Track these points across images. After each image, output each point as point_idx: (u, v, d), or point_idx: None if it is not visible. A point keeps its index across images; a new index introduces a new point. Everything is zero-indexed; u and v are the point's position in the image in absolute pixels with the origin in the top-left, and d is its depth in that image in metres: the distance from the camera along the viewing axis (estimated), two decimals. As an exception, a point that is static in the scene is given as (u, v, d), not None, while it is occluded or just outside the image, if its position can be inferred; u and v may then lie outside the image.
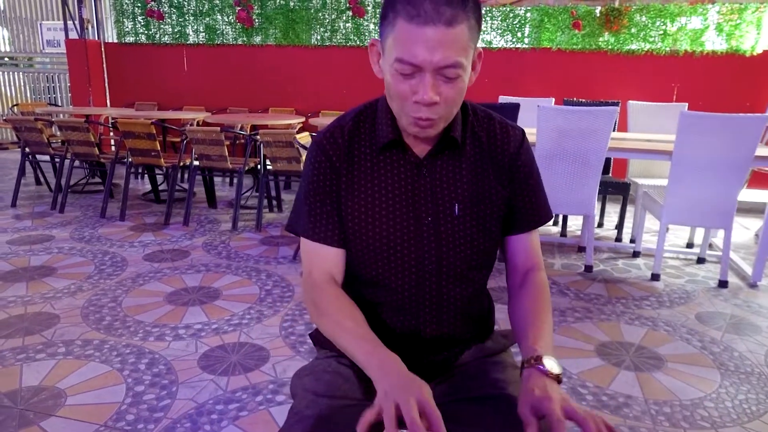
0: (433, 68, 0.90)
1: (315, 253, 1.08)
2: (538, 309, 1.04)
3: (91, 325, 2.57)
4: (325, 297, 1.06)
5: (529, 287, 1.07)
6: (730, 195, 3.20)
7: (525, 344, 0.98)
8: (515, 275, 1.12)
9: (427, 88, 0.91)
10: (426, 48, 0.88)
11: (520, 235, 1.11)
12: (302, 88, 6.29)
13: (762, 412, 2.06)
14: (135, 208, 4.77)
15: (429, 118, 0.95)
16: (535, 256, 1.12)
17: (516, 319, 1.06)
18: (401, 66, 0.91)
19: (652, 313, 2.91)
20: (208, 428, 1.85)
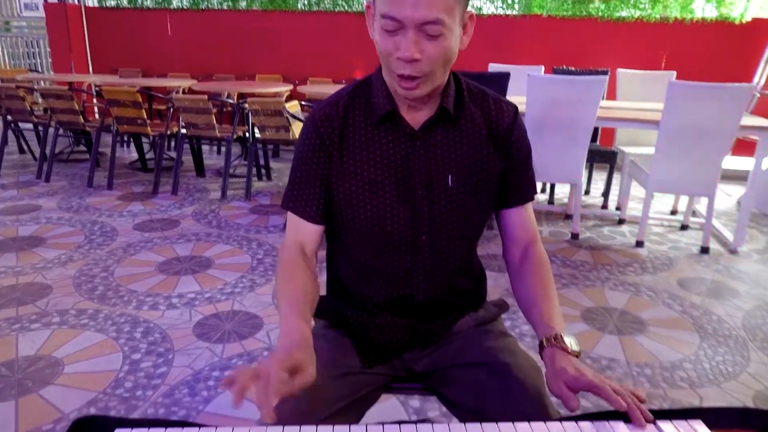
0: (415, 24, 0.91)
1: (291, 224, 1.12)
2: (545, 285, 1.06)
3: (84, 294, 2.59)
4: (283, 261, 1.08)
5: (533, 262, 1.10)
6: (715, 164, 3.25)
7: (540, 322, 0.99)
8: (514, 249, 1.14)
9: (409, 44, 0.91)
10: (408, 3, 0.89)
11: (516, 209, 1.13)
12: (289, 54, 6.19)
13: (738, 373, 2.15)
14: (122, 177, 4.73)
15: (412, 76, 0.96)
16: (532, 229, 1.14)
17: (523, 296, 1.08)
18: (385, 21, 0.92)
19: (635, 279, 2.99)
20: (205, 394, 1.89)
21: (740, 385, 2.08)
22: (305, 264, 1.07)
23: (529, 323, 1.06)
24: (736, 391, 2.03)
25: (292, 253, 1.08)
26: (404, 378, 1.20)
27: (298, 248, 1.09)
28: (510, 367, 1.06)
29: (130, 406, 1.82)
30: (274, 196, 4.30)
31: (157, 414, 1.78)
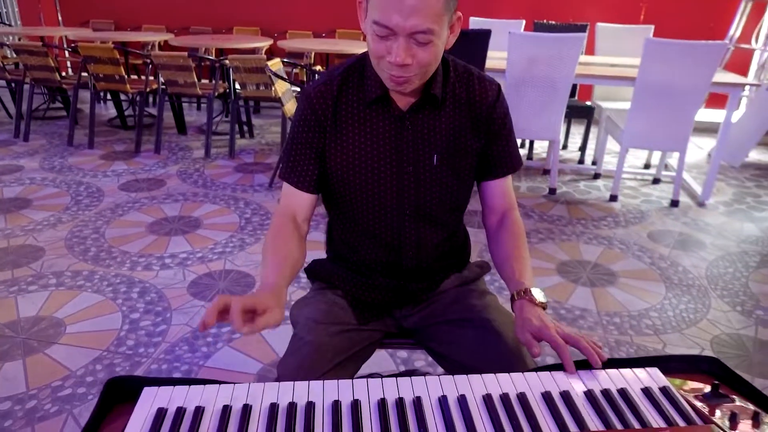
0: (406, 33, 0.97)
1: (286, 193, 1.20)
2: (518, 246, 1.17)
3: (77, 256, 2.65)
4: (273, 226, 1.18)
5: (508, 227, 1.20)
6: (687, 120, 3.37)
7: (512, 278, 1.12)
8: (492, 216, 1.25)
9: (400, 50, 0.98)
10: (400, 14, 0.94)
11: (496, 180, 1.23)
12: (267, 5, 6.06)
13: (699, 319, 2.34)
14: (102, 135, 4.69)
15: (402, 76, 1.03)
16: (510, 198, 1.24)
17: (500, 258, 1.19)
18: (377, 28, 0.98)
19: (608, 232, 3.15)
20: (205, 350, 2.01)
21: (700, 330, 2.26)
22: (293, 230, 1.16)
23: (502, 280, 1.17)
24: (696, 337, 2.22)
25: (284, 219, 1.17)
26: (395, 334, 1.31)
27: (290, 215, 1.18)
28: (491, 323, 1.18)
29: (134, 363, 1.93)
30: (257, 154, 4.33)
31: (160, 369, 1.89)
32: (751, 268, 2.80)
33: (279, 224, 1.16)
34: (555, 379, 0.93)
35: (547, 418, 0.83)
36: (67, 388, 1.79)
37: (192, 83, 4.10)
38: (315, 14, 5.99)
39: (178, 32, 5.94)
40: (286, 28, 6.00)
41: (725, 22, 5.35)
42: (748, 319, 2.35)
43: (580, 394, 0.89)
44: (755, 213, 3.53)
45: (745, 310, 2.42)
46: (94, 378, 1.85)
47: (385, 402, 0.86)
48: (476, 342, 1.17)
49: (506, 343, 1.14)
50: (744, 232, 3.23)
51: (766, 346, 2.18)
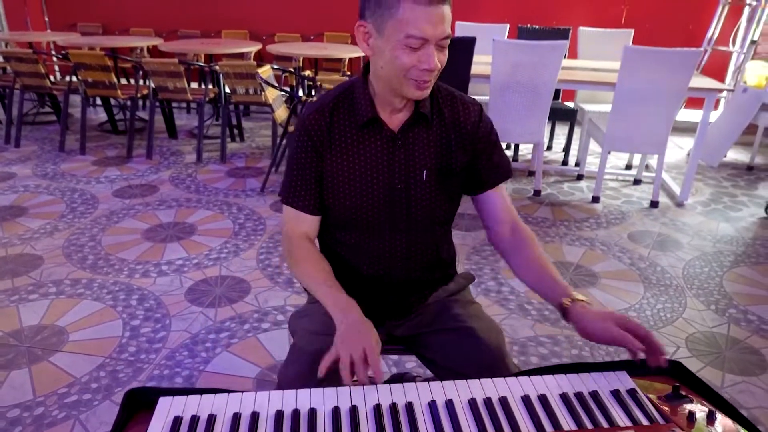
0: (436, 40, 1.08)
1: (292, 217, 1.29)
2: (541, 257, 1.24)
3: (75, 264, 2.71)
4: (299, 250, 1.26)
5: (524, 239, 1.28)
6: (665, 124, 3.50)
7: (553, 286, 1.17)
8: (500, 230, 1.31)
9: (433, 57, 1.09)
10: (431, 24, 1.06)
11: (491, 192, 1.30)
12: (255, 9, 6.11)
13: (675, 318, 2.46)
14: (93, 140, 4.73)
15: (428, 81, 1.14)
16: (512, 209, 1.32)
17: (526, 271, 1.25)
18: (411, 41, 1.08)
19: (590, 234, 3.26)
20: (204, 355, 2.09)
21: (676, 329, 2.38)
22: (315, 248, 1.27)
23: (536, 291, 1.23)
24: (672, 335, 2.34)
25: (303, 241, 1.26)
26: (387, 341, 1.41)
27: (305, 236, 1.27)
28: (476, 331, 1.28)
29: (137, 369, 2.00)
30: (248, 158, 4.40)
31: (162, 375, 1.97)
32: (725, 267, 2.93)
33: (303, 247, 1.25)
34: (533, 383, 1.02)
35: (526, 420, 0.93)
36: (73, 395, 1.87)
37: (183, 89, 4.16)
38: (303, 17, 6.05)
39: (167, 36, 5.98)
40: (274, 31, 6.05)
41: (703, 24, 5.49)
42: (722, 317, 2.48)
43: (556, 396, 0.99)
44: (731, 213, 3.67)
45: (719, 308, 2.55)
46: (98, 384, 1.92)
47: (380, 407, 0.95)
48: (462, 349, 1.26)
49: (490, 349, 1.24)
50: (720, 232, 3.36)
51: (737, 343, 2.30)
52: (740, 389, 2.03)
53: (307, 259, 1.25)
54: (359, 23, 1.15)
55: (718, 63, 5.56)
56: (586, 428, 0.91)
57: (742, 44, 5.24)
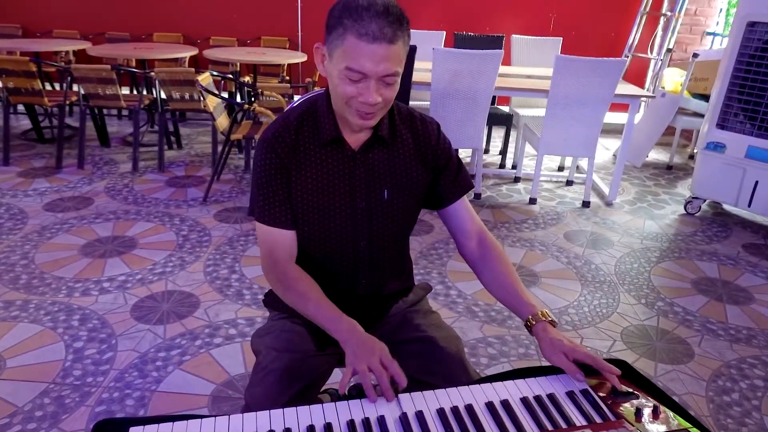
0: (377, 77, 1.10)
1: (272, 236, 1.28)
2: (510, 271, 1.29)
3: (7, 285, 2.57)
4: (289, 274, 1.27)
5: (492, 252, 1.32)
6: (594, 128, 3.71)
7: (520, 303, 1.22)
8: (468, 243, 1.35)
9: (372, 92, 1.11)
10: (372, 61, 1.07)
11: (455, 204, 1.34)
12: (189, 11, 5.95)
13: (610, 313, 2.62)
14: (17, 149, 4.47)
15: (371, 113, 1.16)
16: (478, 220, 1.37)
17: (494, 285, 1.29)
18: (350, 73, 1.10)
19: (530, 235, 3.42)
20: (155, 374, 2.04)
21: (612, 323, 2.54)
22: (302, 270, 1.27)
23: (505, 306, 1.28)
24: (608, 330, 2.49)
25: (290, 264, 1.27)
26: (351, 354, 1.44)
27: (290, 258, 1.27)
28: (436, 340, 1.33)
29: (84, 393, 1.93)
30: (188, 167, 4.29)
31: (112, 398, 1.91)
32: (652, 263, 3.15)
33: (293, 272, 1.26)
34: (495, 389, 1.09)
35: (492, 426, 0.98)
36: (15, 425, 1.78)
37: (116, 95, 4.01)
38: (239, 21, 5.95)
39: (93, 38, 5.72)
40: (209, 34, 5.92)
41: (624, 32, 5.84)
42: (651, 310, 2.67)
43: (517, 401, 1.05)
44: (655, 210, 3.94)
45: (649, 302, 2.74)
46: (43, 412, 1.84)
47: (354, 423, 0.98)
48: (424, 357, 1.31)
49: (451, 357, 1.30)
50: (646, 229, 3.60)
51: (666, 334, 2.49)
52: (671, 377, 2.20)
53: (300, 282, 1.25)
54: (318, 45, 1.17)
55: (637, 69, 5.94)
56: (546, 429, 0.98)
57: (659, 52, 5.62)
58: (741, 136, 3.51)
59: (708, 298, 2.81)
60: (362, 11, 1.04)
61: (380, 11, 1.05)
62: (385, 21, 1.05)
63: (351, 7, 1.06)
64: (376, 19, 1.04)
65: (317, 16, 5.82)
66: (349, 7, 1.06)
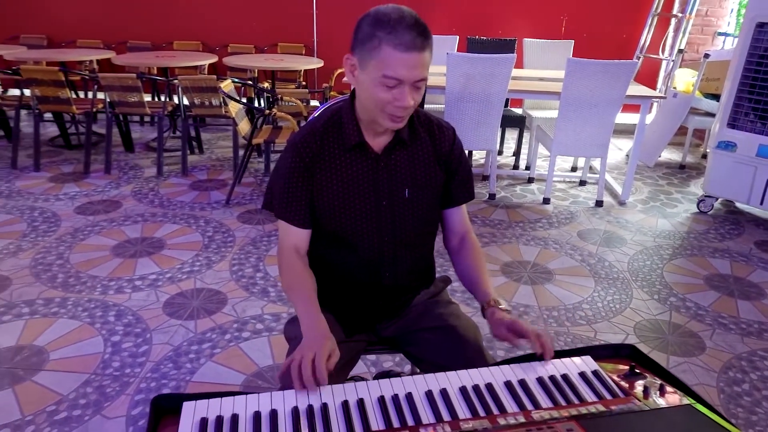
0: (410, 82, 1.22)
1: (286, 230, 1.40)
2: (479, 264, 1.43)
3: (46, 283, 2.71)
4: (285, 263, 1.38)
5: (468, 248, 1.46)
6: (606, 129, 3.78)
7: (480, 291, 1.37)
8: (453, 239, 1.50)
9: (406, 96, 1.23)
10: (406, 68, 1.19)
11: (456, 208, 1.48)
12: (208, 19, 6.11)
13: (623, 309, 2.70)
14: (46, 156, 4.64)
15: (401, 116, 1.28)
16: (466, 223, 1.50)
17: (465, 274, 1.45)
18: (387, 80, 1.21)
19: (544, 233, 3.50)
20: (189, 366, 2.16)
21: (625, 318, 2.62)
22: (303, 264, 1.37)
23: (469, 291, 1.43)
24: (622, 324, 2.57)
25: (291, 256, 1.37)
26: (376, 342, 1.54)
27: (294, 250, 1.38)
28: (456, 328, 1.43)
29: (123, 383, 2.05)
30: (210, 171, 4.43)
31: (150, 387, 2.03)
32: (665, 260, 3.21)
33: (290, 261, 1.36)
34: (513, 371, 1.18)
35: (510, 401, 1.08)
36: (62, 412, 1.91)
37: (141, 102, 4.16)
38: (256, 28, 6.09)
39: (116, 47, 5.90)
40: (228, 41, 6.08)
41: (635, 34, 5.89)
42: (664, 305, 2.74)
43: (534, 381, 1.14)
44: (667, 209, 4.00)
45: (661, 297, 2.81)
46: (87, 400, 1.97)
47: (384, 399, 1.08)
48: (445, 345, 1.41)
49: (470, 344, 1.39)
50: (659, 227, 3.66)
51: (679, 328, 2.56)
52: (683, 369, 2.27)
53: (291, 272, 1.36)
54: (347, 56, 1.28)
55: (649, 70, 5.98)
56: (561, 404, 1.07)
57: (671, 52, 5.66)
58: (752, 135, 3.57)
59: (720, 293, 2.87)
60: (396, 24, 1.17)
61: (411, 24, 1.17)
62: (416, 32, 1.17)
63: (383, 20, 1.18)
64: (409, 31, 1.17)
65: (332, 23, 5.94)
66: (380, 21, 1.18)
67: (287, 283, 1.35)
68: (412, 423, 1.02)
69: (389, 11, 1.19)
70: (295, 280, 1.34)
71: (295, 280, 1.34)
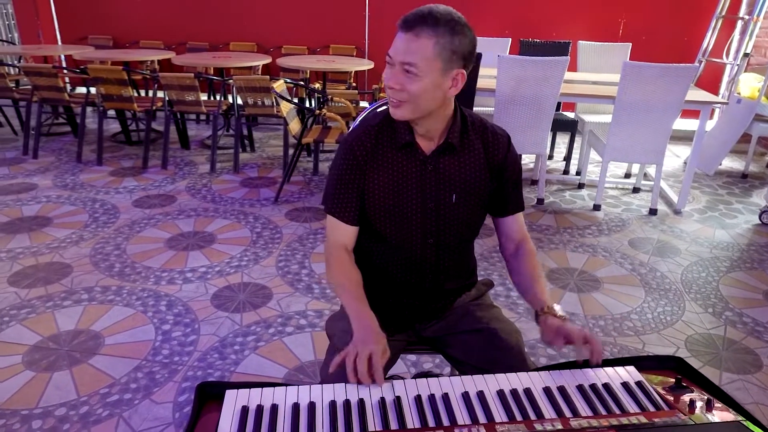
0: (397, 62, 1.23)
1: (334, 227, 1.42)
2: (535, 272, 1.41)
3: (104, 272, 2.85)
4: (334, 260, 1.41)
5: (525, 255, 1.44)
6: (663, 135, 3.65)
7: (535, 298, 1.34)
8: (509, 245, 1.49)
9: (391, 76, 1.25)
10: (396, 46, 1.23)
11: (511, 216, 1.47)
12: (263, 22, 6.27)
13: (674, 321, 2.60)
14: (108, 150, 4.87)
15: (394, 99, 1.28)
16: (523, 231, 1.49)
17: (520, 282, 1.43)
18: (387, 57, 1.26)
19: (593, 240, 3.41)
20: (233, 357, 2.23)
21: (676, 331, 2.52)
22: (351, 260, 1.40)
23: (524, 299, 1.41)
24: (672, 337, 2.48)
25: (340, 251, 1.40)
26: (416, 342, 1.55)
27: (343, 247, 1.41)
28: (497, 332, 1.42)
29: (172, 371, 2.14)
30: (260, 168, 4.54)
31: (196, 376, 2.11)
32: (721, 272, 3.08)
33: (339, 257, 1.39)
34: (552, 377, 1.16)
35: (548, 408, 1.06)
36: (114, 395, 2.00)
37: (197, 101, 4.30)
38: (309, 30, 6.20)
39: (176, 48, 6.13)
40: (281, 43, 6.21)
41: (698, 37, 5.67)
42: (719, 320, 2.62)
43: (574, 388, 1.12)
44: (726, 220, 3.83)
45: (716, 311, 2.69)
46: (137, 385, 2.05)
47: (420, 398, 1.09)
48: (485, 348, 1.40)
49: (510, 348, 1.38)
50: (716, 238, 3.51)
51: (733, 344, 2.45)
52: (737, 387, 2.17)
53: (340, 269, 1.39)
54: None
55: (712, 74, 5.74)
56: (601, 414, 1.05)
57: (736, 56, 5.42)
58: (822, 144, 3.37)
59: (781, 310, 2.73)
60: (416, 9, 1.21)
61: (425, 11, 1.20)
62: (420, 17, 1.20)
63: None
64: (415, 15, 1.20)
65: (384, 24, 5.98)
66: None
67: (337, 279, 1.38)
68: (448, 423, 1.03)
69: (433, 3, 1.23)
70: (345, 276, 1.37)
71: (345, 277, 1.36)
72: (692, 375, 1.18)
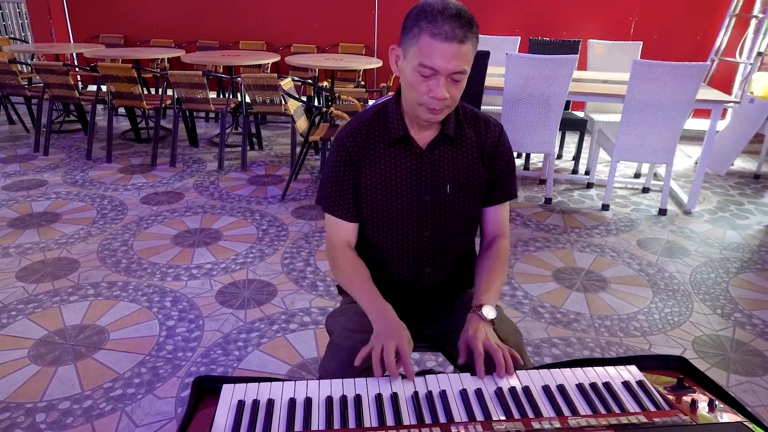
0: (447, 73, 1.20)
1: (335, 225, 1.42)
2: (494, 268, 1.38)
3: (110, 268, 2.86)
4: (341, 257, 1.40)
5: (493, 250, 1.42)
6: (673, 134, 3.61)
7: (476, 294, 1.33)
8: (485, 239, 1.48)
9: (441, 88, 1.21)
10: (443, 58, 1.18)
11: (493, 207, 1.44)
12: (272, 20, 6.28)
13: (682, 322, 2.57)
14: (117, 148, 4.90)
15: (438, 108, 1.26)
16: (502, 226, 1.46)
17: (476, 273, 1.41)
18: (422, 69, 1.21)
19: (600, 240, 3.38)
20: (237, 353, 2.23)
21: (683, 332, 2.49)
22: (356, 256, 1.40)
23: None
24: (679, 338, 2.45)
25: (345, 249, 1.40)
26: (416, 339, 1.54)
27: (346, 244, 1.41)
28: (497, 332, 1.40)
29: (175, 366, 2.14)
30: (268, 166, 4.55)
31: (199, 371, 2.11)
32: (731, 273, 3.04)
33: (347, 257, 1.39)
34: (552, 376, 1.15)
35: (546, 406, 1.05)
36: (117, 389, 2.01)
37: (206, 99, 4.32)
38: (318, 29, 6.21)
39: (186, 46, 6.16)
40: (291, 41, 6.22)
41: (711, 35, 5.60)
42: (727, 321, 2.59)
43: (573, 387, 1.11)
44: (737, 221, 3.77)
45: (725, 313, 2.66)
46: (140, 380, 2.06)
47: (418, 394, 1.08)
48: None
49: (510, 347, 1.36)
50: (726, 239, 3.47)
51: (742, 346, 2.41)
52: (744, 389, 2.14)
53: (349, 265, 1.38)
54: (393, 46, 1.29)
55: (725, 73, 5.67)
56: (600, 413, 1.04)
57: (749, 55, 5.35)
58: (836, 144, 3.31)
59: (791, 312, 2.69)
60: (437, 14, 1.16)
61: (453, 14, 1.16)
62: (457, 23, 1.15)
63: (427, 10, 1.17)
64: (449, 21, 1.15)
65: (393, 23, 5.98)
66: (425, 11, 1.18)
67: (347, 276, 1.37)
68: (444, 420, 1.02)
69: (434, 1, 1.18)
70: (355, 272, 1.36)
71: (355, 273, 1.36)
72: (695, 375, 1.16)
